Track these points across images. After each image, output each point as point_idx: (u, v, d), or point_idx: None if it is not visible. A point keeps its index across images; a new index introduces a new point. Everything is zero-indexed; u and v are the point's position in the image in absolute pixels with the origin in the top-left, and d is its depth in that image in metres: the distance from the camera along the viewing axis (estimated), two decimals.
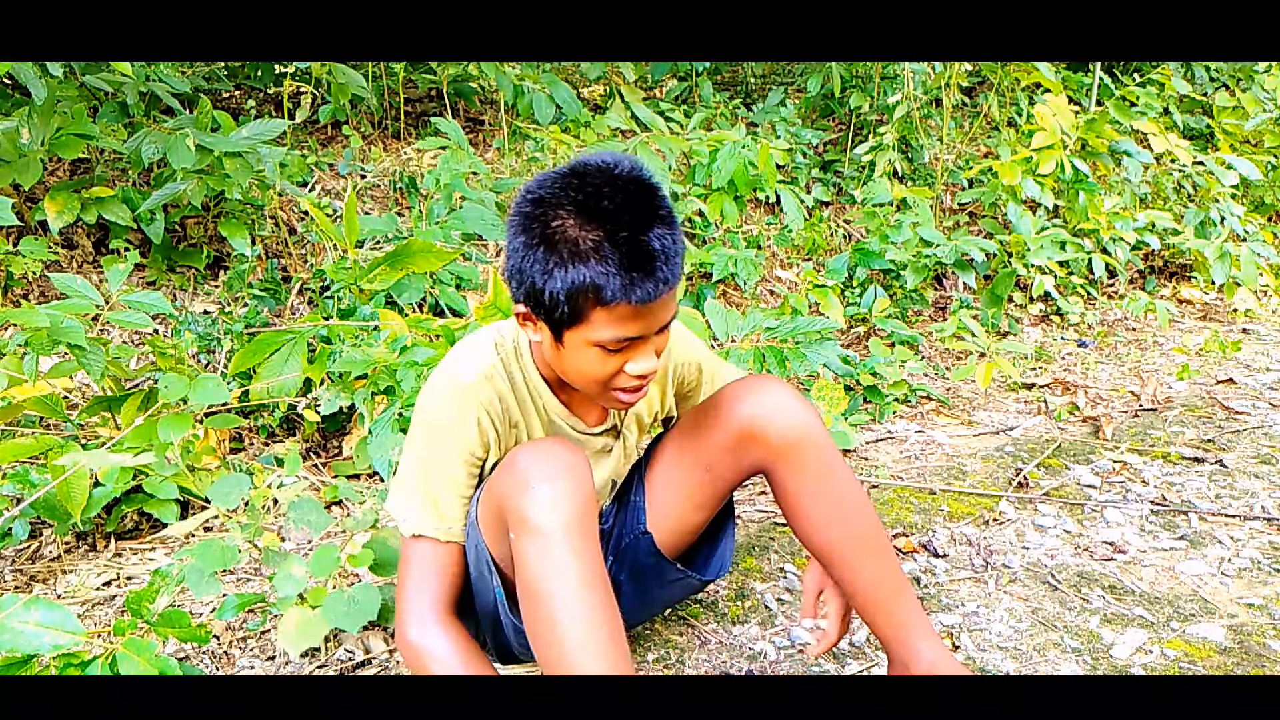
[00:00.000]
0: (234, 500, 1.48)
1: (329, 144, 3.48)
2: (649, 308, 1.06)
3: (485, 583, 1.24)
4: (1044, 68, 3.62)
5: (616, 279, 1.03)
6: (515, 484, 1.09)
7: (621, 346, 1.10)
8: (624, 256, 1.03)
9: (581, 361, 1.13)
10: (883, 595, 1.32)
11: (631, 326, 1.08)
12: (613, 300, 1.04)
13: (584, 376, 1.15)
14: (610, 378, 1.14)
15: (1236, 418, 2.74)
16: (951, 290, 3.62)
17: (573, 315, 1.07)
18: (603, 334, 1.08)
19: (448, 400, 1.21)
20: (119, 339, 2.50)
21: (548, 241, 1.05)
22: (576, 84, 3.99)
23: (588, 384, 1.17)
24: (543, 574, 1.06)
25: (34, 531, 1.85)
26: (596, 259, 1.03)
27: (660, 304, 1.08)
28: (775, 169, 3.34)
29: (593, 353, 1.11)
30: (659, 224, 1.05)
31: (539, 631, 1.08)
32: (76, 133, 2.46)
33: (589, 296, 1.05)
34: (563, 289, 1.05)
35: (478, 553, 1.23)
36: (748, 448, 1.29)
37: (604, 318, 1.06)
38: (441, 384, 1.23)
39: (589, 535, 1.08)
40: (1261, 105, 4.36)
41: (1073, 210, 3.65)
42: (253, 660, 1.53)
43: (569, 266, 1.04)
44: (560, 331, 1.11)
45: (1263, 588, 1.77)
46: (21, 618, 1.18)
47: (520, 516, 1.07)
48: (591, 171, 1.06)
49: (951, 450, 2.50)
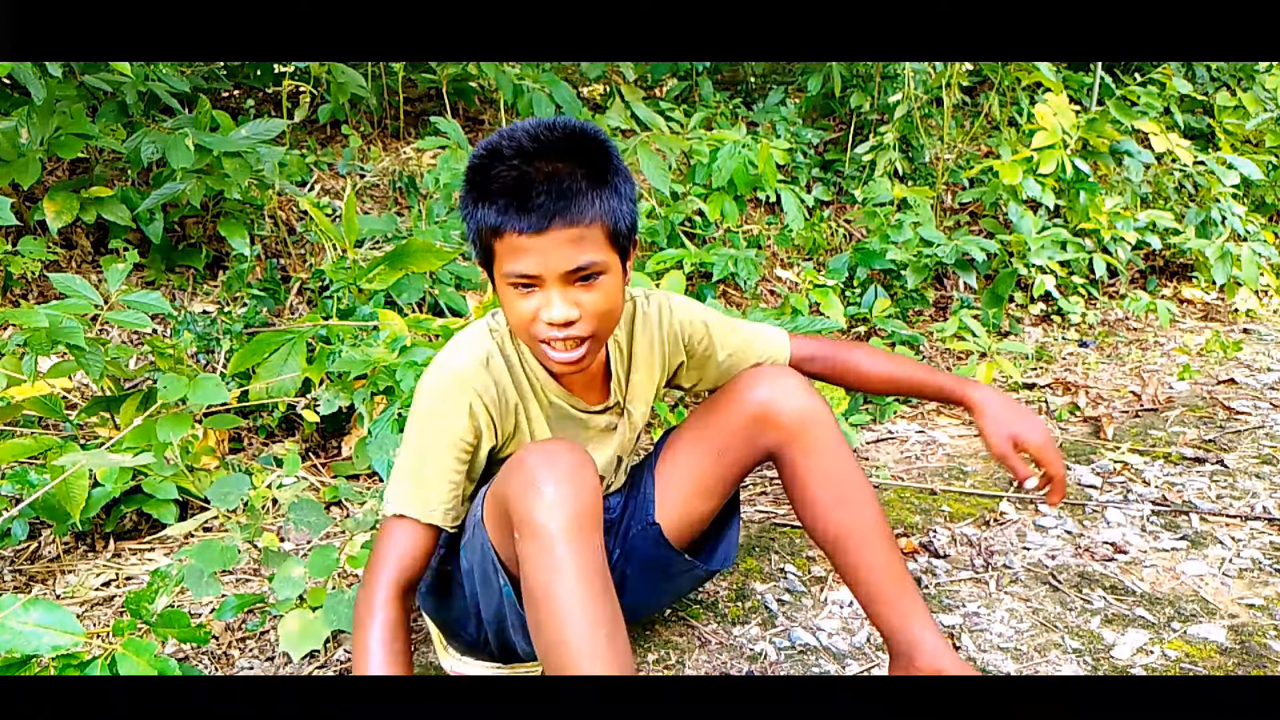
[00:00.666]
0: (233, 501, 1.48)
1: (328, 144, 3.47)
2: (539, 243, 1.08)
3: (491, 583, 1.24)
4: (1045, 67, 3.61)
5: (499, 207, 1.08)
6: (521, 485, 1.09)
7: (525, 284, 1.13)
8: (508, 187, 1.08)
9: (506, 305, 1.17)
10: (886, 585, 1.33)
11: (524, 261, 1.10)
12: (501, 229, 1.09)
13: (513, 324, 1.19)
14: (530, 323, 1.15)
15: (1237, 418, 2.73)
16: (952, 290, 3.62)
17: (485, 253, 1.14)
18: (505, 267, 1.12)
19: (438, 389, 1.23)
20: (118, 339, 2.50)
21: (468, 186, 1.14)
22: (576, 84, 3.99)
23: (520, 332, 1.19)
24: (546, 575, 1.06)
25: (33, 532, 1.85)
26: (489, 191, 1.09)
27: (551, 240, 1.08)
28: (775, 168, 3.34)
29: (510, 293, 1.15)
30: (560, 159, 1.09)
31: (542, 632, 1.09)
32: (75, 132, 2.46)
33: (487, 229, 1.11)
34: (474, 227, 1.13)
35: (484, 552, 1.23)
36: (761, 430, 1.34)
37: (501, 250, 1.12)
38: (433, 374, 1.25)
39: (593, 538, 1.09)
40: (1262, 105, 4.36)
41: (1074, 210, 3.65)
42: (252, 660, 1.53)
43: (478, 205, 1.11)
44: (490, 271, 1.17)
45: (1264, 588, 1.77)
46: (21, 618, 1.18)
47: (525, 518, 1.08)
48: (529, 123, 1.13)
49: (952, 450, 2.50)
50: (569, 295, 1.13)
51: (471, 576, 1.28)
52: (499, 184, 1.09)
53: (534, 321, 1.15)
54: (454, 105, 3.70)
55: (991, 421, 1.39)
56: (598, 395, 1.35)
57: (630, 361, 1.38)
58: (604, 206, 1.11)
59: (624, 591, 1.42)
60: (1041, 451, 1.37)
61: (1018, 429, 1.38)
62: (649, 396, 1.41)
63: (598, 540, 1.10)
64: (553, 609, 1.06)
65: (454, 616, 1.36)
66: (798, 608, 1.70)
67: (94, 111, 2.77)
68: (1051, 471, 1.38)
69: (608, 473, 1.41)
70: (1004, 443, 1.38)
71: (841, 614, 1.68)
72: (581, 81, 4.05)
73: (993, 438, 1.39)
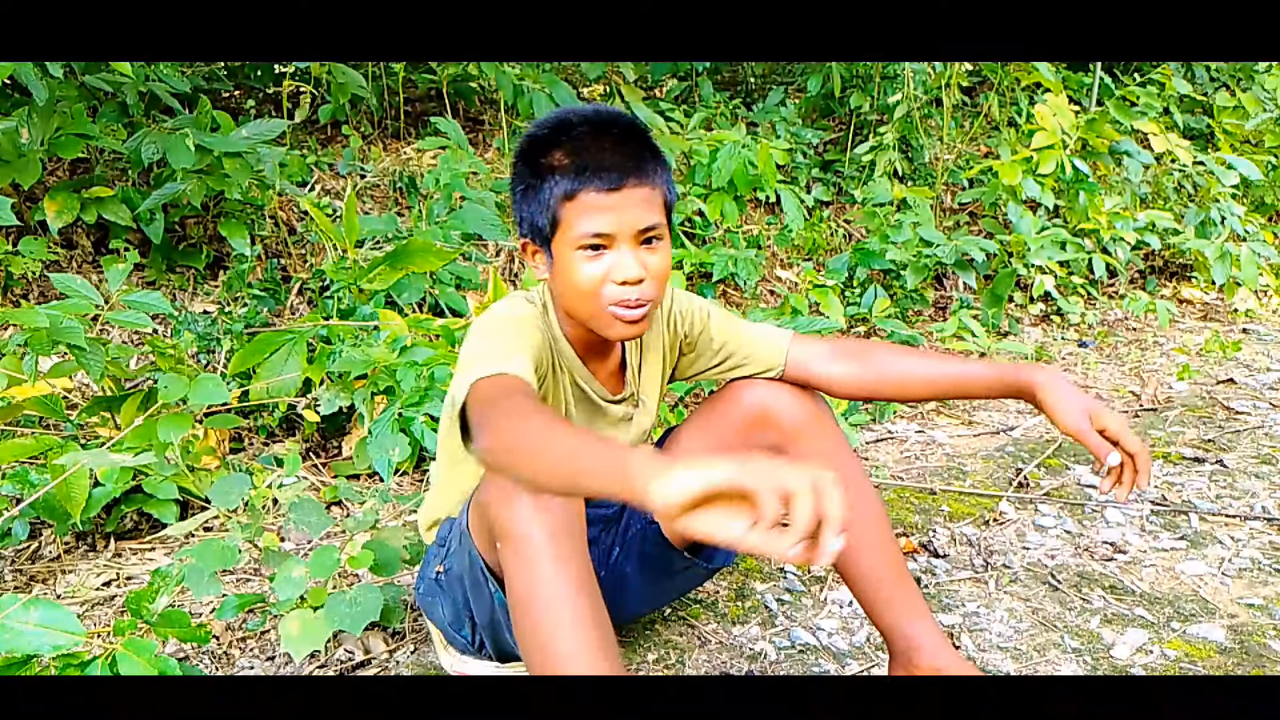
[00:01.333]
0: (234, 500, 1.48)
1: (329, 144, 3.47)
2: (614, 200, 1.13)
3: (482, 589, 1.23)
4: (1044, 68, 3.62)
5: (574, 170, 1.13)
6: (499, 494, 1.08)
7: (597, 245, 1.15)
8: (581, 151, 1.14)
9: (570, 271, 1.17)
10: (886, 584, 1.33)
11: (599, 219, 1.14)
12: (576, 189, 1.13)
13: (576, 290, 1.18)
14: (599, 287, 1.16)
15: (1237, 418, 2.73)
16: (952, 290, 3.62)
17: (553, 222, 1.16)
18: (576, 230, 1.14)
19: (503, 319, 1.22)
20: (118, 339, 2.50)
21: (524, 168, 1.18)
22: (576, 84, 3.98)
23: (583, 299, 1.19)
24: (530, 583, 1.05)
25: (33, 531, 1.85)
26: (558, 161, 1.15)
27: (626, 198, 1.14)
28: (775, 169, 3.34)
29: (577, 259, 1.16)
30: (618, 129, 1.17)
31: (527, 640, 1.07)
32: (76, 132, 2.46)
33: (558, 196, 1.14)
34: (540, 199, 1.16)
35: (471, 560, 1.23)
36: (760, 430, 1.35)
37: (574, 212, 1.14)
38: (492, 314, 1.24)
39: (576, 542, 1.07)
40: (1262, 105, 4.36)
41: (1073, 210, 3.65)
42: (252, 660, 1.53)
43: (541, 178, 1.15)
44: (549, 247, 1.18)
45: (1263, 588, 1.77)
46: (21, 618, 1.18)
47: (505, 527, 1.06)
48: (560, 110, 1.21)
49: (952, 450, 2.50)
50: (638, 256, 1.16)
51: (463, 583, 1.28)
52: (572, 147, 1.14)
53: (603, 284, 1.16)
54: (454, 105, 3.70)
55: (1063, 399, 1.24)
56: (616, 385, 1.36)
57: (642, 352, 1.39)
58: (663, 174, 1.19)
59: (624, 590, 1.42)
60: (1122, 427, 1.22)
61: (1092, 405, 1.24)
62: (659, 386, 1.42)
63: (581, 544, 1.08)
64: (538, 617, 1.05)
65: (449, 622, 1.37)
66: (798, 607, 1.71)
67: (94, 111, 2.77)
68: (1134, 448, 1.22)
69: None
70: (1080, 417, 1.23)
71: (841, 614, 1.68)
72: (581, 81, 4.05)
73: (1068, 414, 1.23)
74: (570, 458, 0.86)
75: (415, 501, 1.98)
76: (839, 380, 1.38)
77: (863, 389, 1.39)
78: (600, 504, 1.42)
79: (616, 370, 1.36)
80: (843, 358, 1.38)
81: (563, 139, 1.16)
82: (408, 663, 1.52)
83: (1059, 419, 1.24)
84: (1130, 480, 1.23)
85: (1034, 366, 1.30)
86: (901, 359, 1.38)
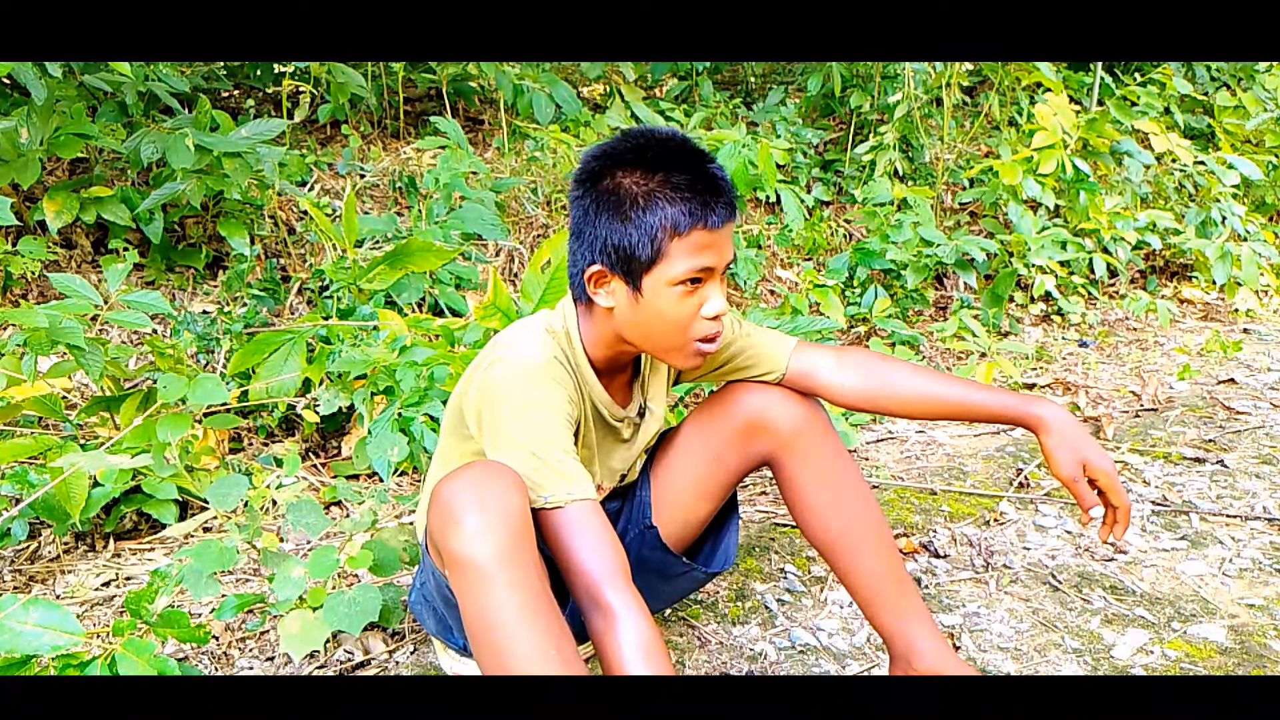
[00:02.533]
0: (233, 501, 1.48)
1: (328, 143, 3.47)
2: (719, 235, 1.14)
3: (454, 605, 1.20)
4: (1045, 67, 3.61)
5: (688, 206, 1.12)
6: (441, 520, 1.03)
7: (697, 279, 1.14)
8: (691, 187, 1.12)
9: (662, 306, 1.15)
10: (885, 587, 1.33)
11: (706, 255, 1.13)
12: (689, 226, 1.11)
13: (665, 325, 1.17)
14: (689, 323, 1.16)
15: (1238, 418, 2.73)
16: (952, 290, 3.62)
17: (653, 255, 1.13)
18: (679, 267, 1.13)
19: (531, 378, 1.16)
20: (118, 339, 2.49)
21: (617, 195, 1.14)
22: (576, 83, 3.98)
23: (669, 334, 1.17)
24: (483, 608, 1.01)
25: (33, 532, 1.84)
26: (667, 196, 1.12)
27: (727, 233, 1.15)
28: (775, 168, 3.34)
29: (672, 295, 1.14)
30: (711, 161, 1.16)
31: (489, 665, 1.04)
32: (75, 132, 2.46)
33: (665, 230, 1.12)
34: (640, 230, 1.12)
35: (437, 580, 1.22)
36: (755, 437, 1.34)
37: (680, 249, 1.12)
38: (516, 368, 1.17)
39: (526, 561, 1.03)
40: (1262, 105, 4.36)
41: (1074, 210, 3.65)
42: (252, 661, 1.53)
43: (644, 209, 1.12)
44: (639, 279, 1.15)
45: (1264, 588, 1.77)
46: (20, 618, 1.18)
47: (451, 554, 1.02)
48: (637, 133, 1.18)
49: (952, 450, 2.50)
50: (723, 289, 1.18)
51: (439, 596, 1.28)
52: (682, 180, 1.12)
53: (694, 320, 1.16)
54: (454, 105, 3.69)
55: (1062, 444, 1.28)
56: (625, 397, 1.34)
57: (651, 363, 1.38)
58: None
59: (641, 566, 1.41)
60: (1111, 479, 1.27)
61: (1088, 453, 1.27)
62: (665, 393, 1.41)
63: (530, 561, 1.04)
64: (494, 639, 1.01)
65: (438, 630, 1.37)
66: (798, 608, 1.70)
67: (94, 111, 2.76)
68: (1118, 501, 1.28)
69: (630, 469, 1.40)
70: (1074, 467, 1.27)
71: (841, 614, 1.68)
72: (581, 81, 4.05)
73: (1062, 461, 1.27)
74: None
75: (414, 502, 1.98)
76: (844, 390, 1.37)
77: (867, 401, 1.38)
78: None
79: (627, 383, 1.36)
80: (850, 368, 1.37)
81: (668, 167, 1.13)
82: (407, 663, 1.52)
83: (1053, 465, 1.28)
84: (1108, 531, 1.29)
85: (1041, 402, 1.30)
86: (911, 377, 1.37)
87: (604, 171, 1.15)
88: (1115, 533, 1.29)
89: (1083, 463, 1.27)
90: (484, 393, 1.16)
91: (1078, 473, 1.27)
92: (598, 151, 1.18)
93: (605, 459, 1.34)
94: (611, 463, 1.35)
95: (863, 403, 1.38)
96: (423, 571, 1.35)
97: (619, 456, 1.36)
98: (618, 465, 1.37)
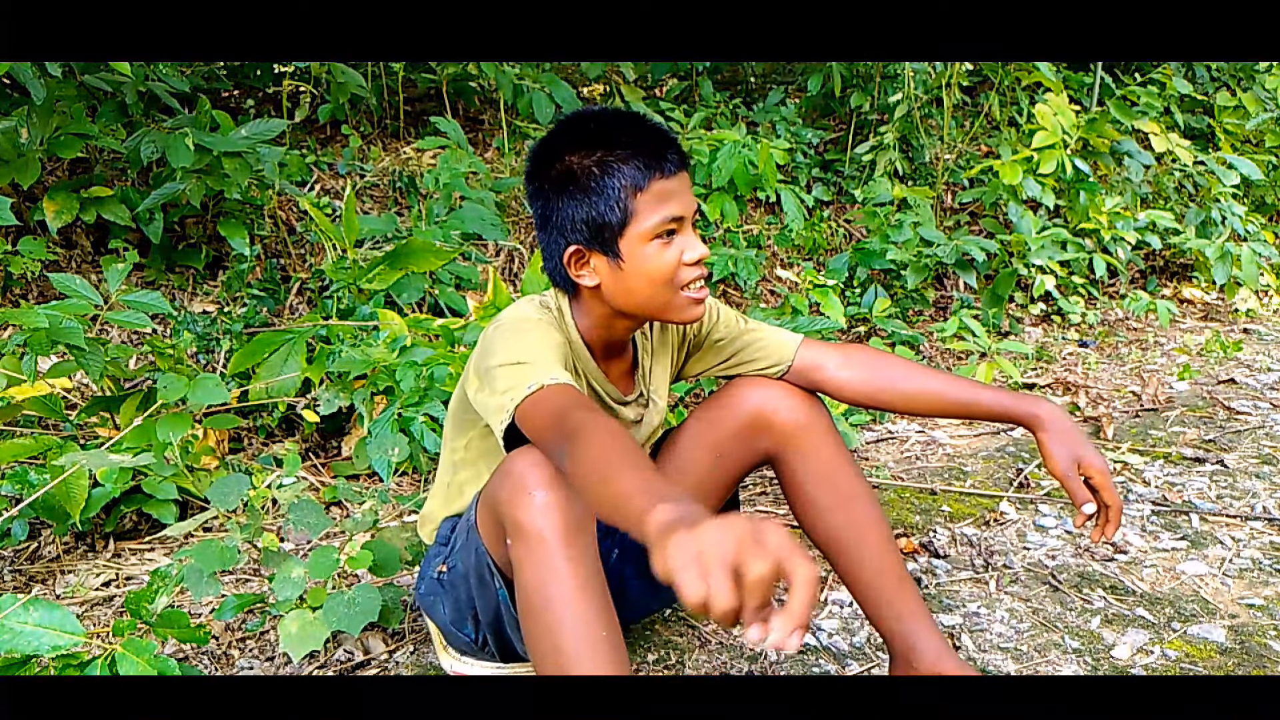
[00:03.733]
0: (233, 501, 1.48)
1: (328, 143, 3.47)
2: (677, 183, 1.17)
3: (488, 587, 1.24)
4: (1045, 67, 3.61)
5: (641, 161, 1.15)
6: (511, 490, 1.08)
7: (671, 229, 1.17)
8: (638, 143, 1.16)
9: (645, 264, 1.18)
10: (885, 586, 1.33)
11: (671, 204, 1.17)
12: (647, 179, 1.15)
13: (652, 281, 1.19)
14: (674, 273, 1.18)
15: (1238, 418, 2.73)
16: (952, 290, 3.62)
17: (622, 216, 1.16)
18: (650, 220, 1.16)
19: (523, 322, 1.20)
20: (118, 339, 2.50)
21: (572, 174, 1.17)
22: (576, 83, 3.98)
23: (658, 289, 1.19)
24: (540, 581, 1.05)
25: (33, 532, 1.85)
26: (619, 157, 1.15)
27: (685, 181, 1.19)
28: (775, 168, 3.34)
29: (651, 250, 1.17)
30: (648, 120, 1.20)
31: (536, 637, 1.07)
32: (75, 132, 2.46)
33: (626, 189, 1.15)
34: (603, 198, 1.15)
35: (479, 556, 1.23)
36: (757, 434, 1.35)
37: (646, 203, 1.16)
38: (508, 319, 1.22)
39: (587, 541, 1.08)
40: (1262, 105, 4.36)
41: (1074, 210, 3.65)
42: (252, 661, 1.53)
43: (601, 176, 1.15)
44: (615, 245, 1.17)
45: (1264, 588, 1.77)
46: (21, 618, 1.18)
47: (517, 523, 1.06)
48: (571, 116, 1.22)
49: (952, 450, 2.50)
50: (697, 236, 1.21)
51: (468, 580, 1.28)
52: (626, 140, 1.16)
53: (677, 269, 1.18)
54: (454, 105, 3.69)
55: (1058, 441, 1.31)
56: (627, 385, 1.36)
57: (654, 353, 1.39)
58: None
59: (623, 593, 1.41)
60: (1104, 478, 1.30)
61: (1083, 452, 1.30)
62: (667, 382, 1.42)
63: (591, 542, 1.09)
64: (548, 614, 1.05)
65: (451, 620, 1.36)
66: None
67: (94, 111, 2.76)
68: (1110, 500, 1.31)
69: None
70: (1069, 464, 1.30)
71: (841, 614, 1.68)
72: (581, 81, 4.05)
73: (1058, 458, 1.31)
74: (621, 500, 0.86)
75: (415, 502, 1.98)
76: (847, 385, 1.40)
77: (869, 398, 1.41)
78: None
79: (628, 371, 1.37)
80: (853, 365, 1.40)
81: (609, 136, 1.17)
82: (407, 663, 1.52)
83: (1049, 462, 1.32)
84: (1100, 530, 1.32)
85: (1039, 401, 1.34)
86: (913, 375, 1.40)
87: (552, 159, 1.19)
88: (1106, 531, 1.32)
89: (1077, 460, 1.30)
90: (480, 349, 1.21)
91: (1072, 470, 1.30)
92: (541, 144, 1.21)
93: None
94: None
95: (865, 399, 1.40)
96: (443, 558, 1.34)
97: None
98: None
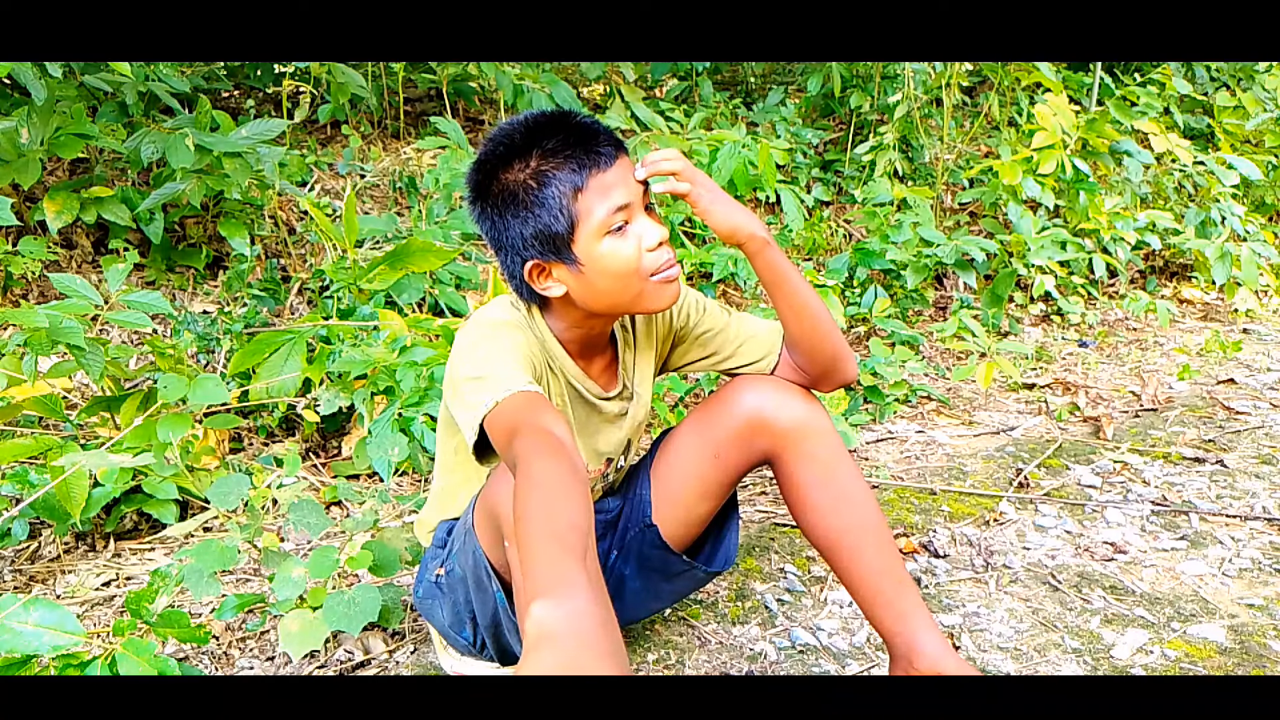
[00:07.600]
0: (233, 501, 1.48)
1: (328, 144, 3.47)
2: (617, 172, 1.16)
3: (485, 589, 1.24)
4: (1044, 67, 3.61)
5: (573, 163, 1.14)
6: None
7: (621, 221, 1.16)
8: (566, 144, 1.15)
9: (604, 260, 1.17)
10: (885, 587, 1.33)
11: (614, 194, 1.16)
12: (585, 178, 1.14)
13: (616, 276, 1.18)
14: (637, 263, 1.18)
15: (1237, 418, 2.73)
16: (952, 290, 3.62)
17: (569, 222, 1.15)
18: (597, 216, 1.15)
19: (486, 328, 1.22)
20: (118, 339, 2.50)
21: (510, 191, 1.17)
22: (576, 84, 3.98)
23: (626, 283, 1.19)
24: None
25: (33, 532, 1.85)
26: (551, 165, 1.15)
27: (622, 169, 1.18)
28: (775, 168, 3.34)
29: (606, 245, 1.16)
30: (575, 115, 1.19)
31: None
32: (76, 132, 2.46)
33: (565, 195, 1.15)
34: (545, 209, 1.15)
35: (476, 559, 1.23)
36: (755, 435, 1.34)
37: (588, 202, 1.15)
38: (473, 325, 1.23)
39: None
40: (1262, 105, 4.36)
41: (1073, 210, 3.65)
42: (252, 660, 1.53)
43: (538, 188, 1.15)
44: (570, 251, 1.17)
45: (1263, 588, 1.77)
46: (21, 618, 1.18)
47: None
48: (496, 131, 1.21)
49: (952, 450, 2.50)
50: (653, 219, 1.20)
51: (465, 583, 1.28)
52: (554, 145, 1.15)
53: (639, 257, 1.18)
54: (454, 105, 3.70)
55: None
56: (609, 380, 1.36)
57: (636, 346, 1.39)
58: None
59: (622, 594, 1.42)
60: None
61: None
62: (651, 376, 1.42)
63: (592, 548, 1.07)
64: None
65: (449, 623, 1.37)
66: (798, 608, 1.70)
67: (94, 111, 2.77)
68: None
69: (617, 454, 1.41)
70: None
71: (841, 614, 1.68)
72: (581, 81, 4.05)
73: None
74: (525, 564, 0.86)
75: (415, 502, 1.98)
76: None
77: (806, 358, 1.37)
78: (599, 507, 1.42)
79: (609, 366, 1.37)
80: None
81: (538, 143, 1.16)
82: (407, 663, 1.52)
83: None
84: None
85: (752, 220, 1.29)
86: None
87: (488, 179, 1.19)
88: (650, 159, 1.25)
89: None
90: (451, 355, 1.22)
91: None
92: (475, 166, 1.21)
93: (589, 439, 1.35)
94: (596, 444, 1.36)
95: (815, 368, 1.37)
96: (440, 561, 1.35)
97: (605, 438, 1.37)
98: (604, 448, 1.37)
